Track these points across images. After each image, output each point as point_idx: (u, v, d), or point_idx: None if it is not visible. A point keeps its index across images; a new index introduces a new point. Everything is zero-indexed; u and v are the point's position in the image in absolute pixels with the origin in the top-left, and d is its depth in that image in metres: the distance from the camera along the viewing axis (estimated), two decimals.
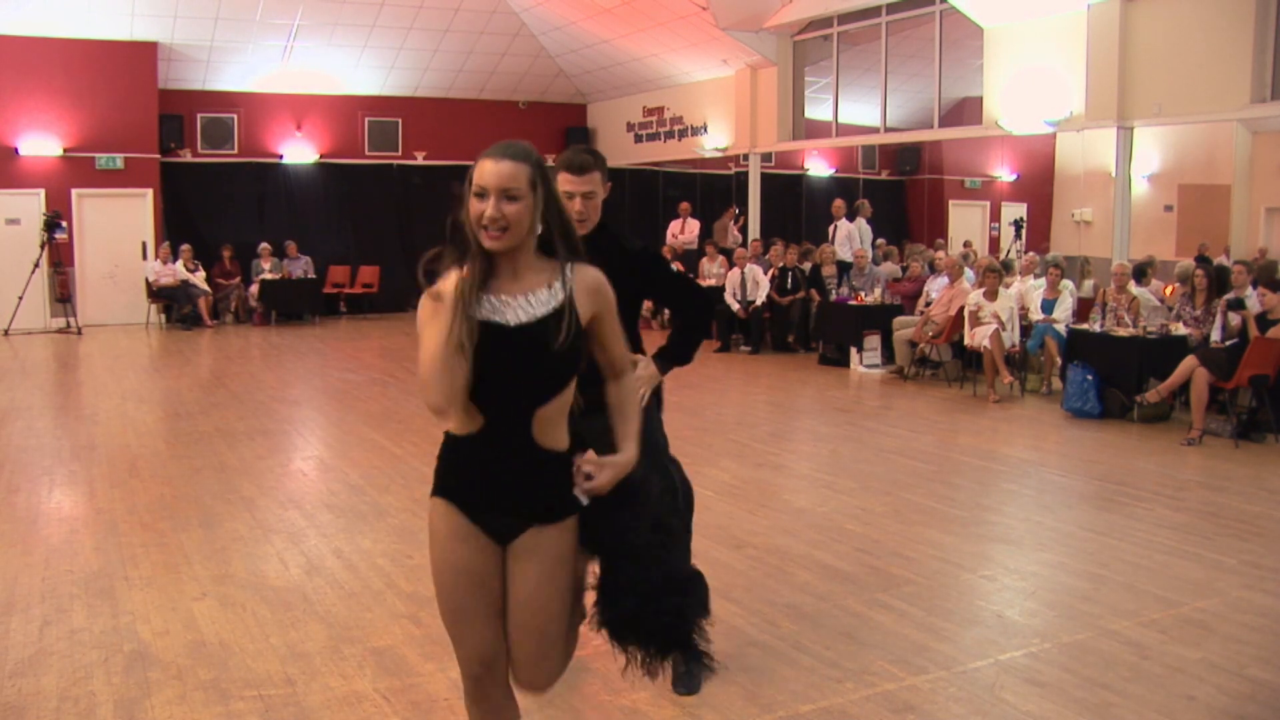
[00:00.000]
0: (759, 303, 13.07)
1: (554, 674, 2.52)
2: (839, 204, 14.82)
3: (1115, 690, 3.69)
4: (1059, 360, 9.61)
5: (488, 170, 2.32)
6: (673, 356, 3.65)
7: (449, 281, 2.31)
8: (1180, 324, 9.06)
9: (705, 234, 16.29)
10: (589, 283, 2.41)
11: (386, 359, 12.57)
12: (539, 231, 2.37)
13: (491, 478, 2.38)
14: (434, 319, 2.29)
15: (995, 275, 10.15)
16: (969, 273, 11.28)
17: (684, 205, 16.47)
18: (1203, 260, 12.08)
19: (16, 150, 15.19)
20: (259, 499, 6.23)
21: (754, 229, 15.88)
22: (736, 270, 13.30)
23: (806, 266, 13.59)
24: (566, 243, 2.40)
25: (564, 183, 3.48)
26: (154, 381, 10.97)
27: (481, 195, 2.32)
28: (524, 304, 2.34)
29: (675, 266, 3.54)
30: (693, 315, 3.81)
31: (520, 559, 2.41)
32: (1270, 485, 6.67)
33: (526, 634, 2.44)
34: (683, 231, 16.02)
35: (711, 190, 18.57)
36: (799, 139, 15.72)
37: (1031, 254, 13.34)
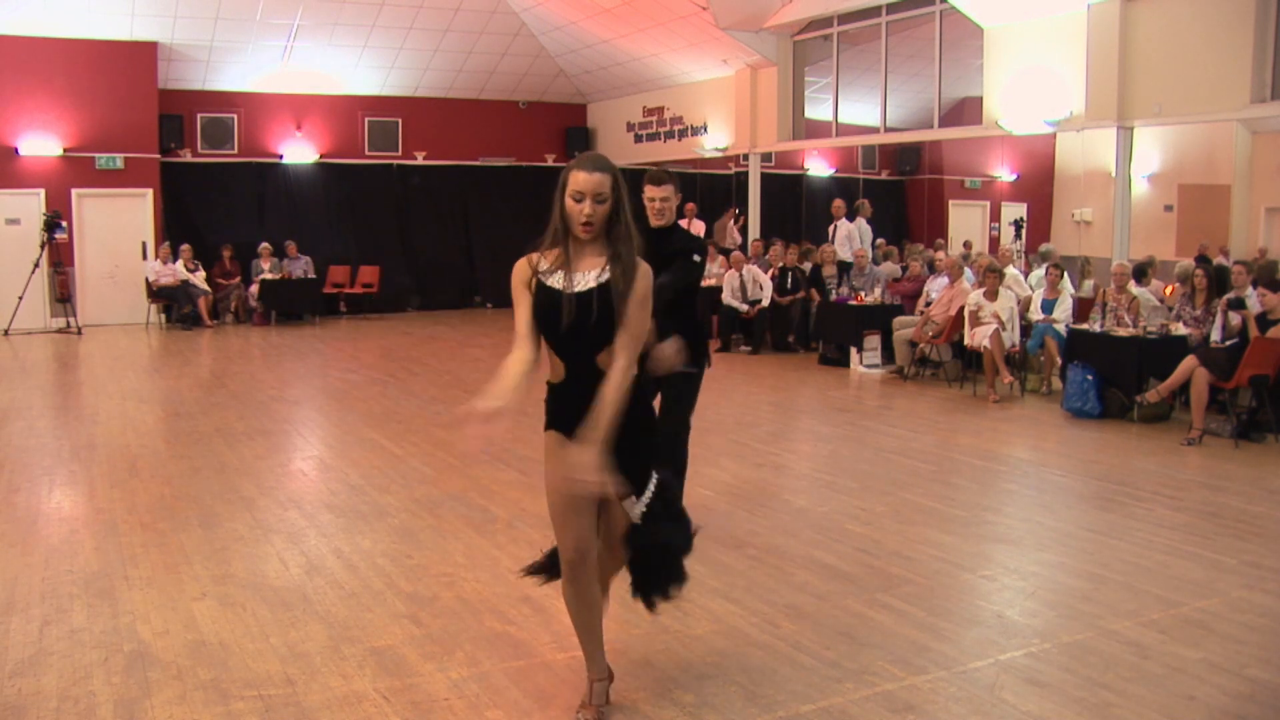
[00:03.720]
0: (765, 303, 13.07)
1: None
2: (839, 204, 14.81)
3: (1115, 690, 3.69)
4: (1059, 360, 9.61)
5: (582, 179, 3.05)
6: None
7: (531, 257, 3.19)
8: (1180, 324, 9.05)
9: (707, 234, 16.28)
10: (641, 268, 3.13)
11: (386, 359, 12.57)
12: (613, 226, 3.10)
13: (580, 409, 3.11)
14: (521, 284, 3.18)
15: (995, 275, 10.15)
16: (968, 272, 11.27)
17: (690, 206, 16.43)
18: (1203, 260, 12.07)
19: (16, 150, 15.19)
20: (259, 499, 6.23)
21: (754, 229, 15.88)
22: (733, 272, 13.31)
23: (806, 266, 13.58)
24: (625, 236, 3.11)
25: (648, 191, 5.04)
26: (154, 381, 10.97)
27: (579, 199, 3.05)
28: (582, 276, 3.10)
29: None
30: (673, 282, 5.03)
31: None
32: (1270, 485, 6.67)
33: (617, 522, 3.30)
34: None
35: (711, 190, 18.56)
36: (799, 139, 15.72)
37: (1008, 245, 13.43)
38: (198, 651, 3.99)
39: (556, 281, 3.11)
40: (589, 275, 3.10)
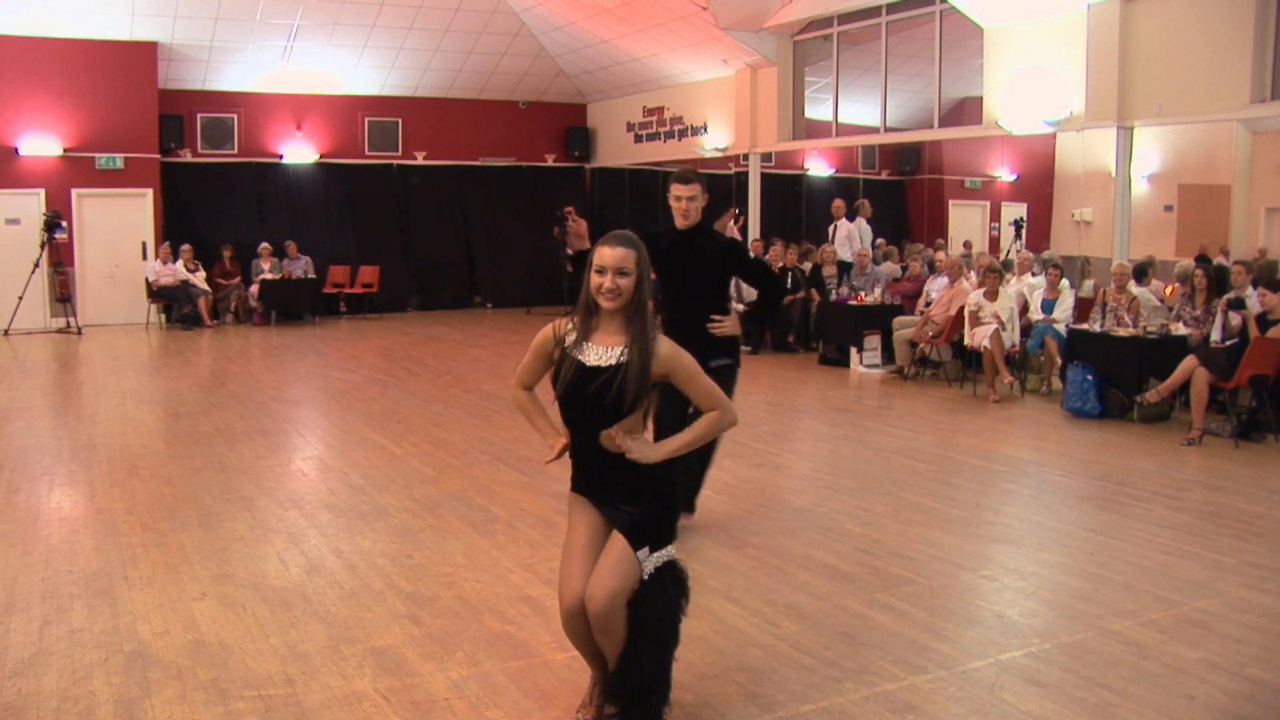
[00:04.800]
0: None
1: (611, 596, 3.13)
2: (839, 204, 14.81)
3: (1115, 690, 3.69)
4: (1059, 360, 9.61)
5: (606, 254, 3.14)
6: (753, 318, 5.93)
7: (561, 323, 3.27)
8: (1180, 324, 9.06)
9: None
10: (661, 354, 3.18)
11: (386, 359, 12.57)
12: (633, 301, 3.15)
13: (592, 471, 3.27)
14: (543, 346, 3.29)
15: (995, 275, 10.15)
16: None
17: None
18: (1203, 260, 12.07)
19: (16, 150, 15.19)
20: (259, 499, 6.23)
21: (754, 229, 15.87)
22: None
23: (806, 266, 13.58)
24: (643, 315, 3.17)
25: (675, 190, 5.08)
26: (154, 381, 10.97)
27: (601, 272, 3.14)
28: (601, 352, 3.17)
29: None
30: (768, 291, 5.48)
31: (616, 524, 3.26)
32: (1270, 485, 6.67)
33: (607, 560, 3.19)
34: None
35: (711, 190, 18.45)
36: (799, 139, 15.72)
37: (1026, 252, 13.34)
38: (198, 651, 3.99)
39: (578, 352, 3.21)
40: (610, 351, 3.17)
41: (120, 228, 15.93)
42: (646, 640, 3.19)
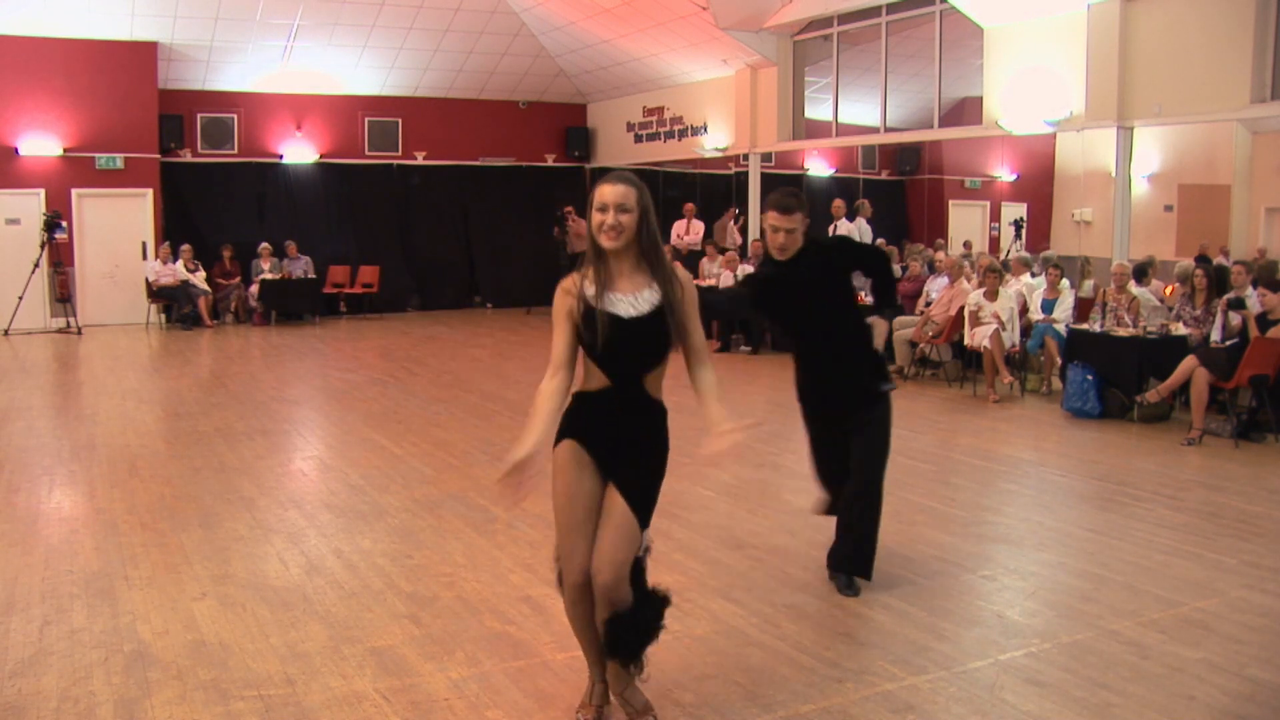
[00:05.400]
0: None
1: (619, 566, 3.15)
2: (839, 204, 14.81)
3: (1115, 690, 3.69)
4: (1059, 360, 9.61)
5: (606, 191, 3.15)
6: (883, 305, 4.82)
7: (571, 279, 3.22)
8: (1180, 324, 9.05)
9: (706, 234, 16.29)
10: (683, 280, 3.23)
11: (386, 359, 12.57)
12: (642, 239, 3.17)
13: (613, 419, 3.24)
14: (564, 311, 3.20)
15: (995, 275, 10.14)
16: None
17: (688, 206, 16.45)
18: (1203, 260, 12.06)
19: (16, 150, 15.19)
20: (259, 499, 6.23)
21: (754, 229, 15.87)
22: (728, 273, 13.33)
23: None
24: (656, 251, 3.19)
25: (772, 219, 4.40)
26: (154, 381, 10.97)
27: (603, 209, 3.14)
28: (632, 301, 3.17)
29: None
30: (881, 274, 4.81)
31: (619, 484, 3.21)
32: (1270, 485, 6.67)
33: (610, 529, 3.17)
34: (687, 232, 16.03)
35: (711, 190, 18.56)
36: (799, 139, 15.71)
37: (1023, 254, 13.32)
38: (198, 651, 3.99)
39: (607, 305, 3.16)
40: (639, 298, 3.16)
41: (120, 228, 15.93)
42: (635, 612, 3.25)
